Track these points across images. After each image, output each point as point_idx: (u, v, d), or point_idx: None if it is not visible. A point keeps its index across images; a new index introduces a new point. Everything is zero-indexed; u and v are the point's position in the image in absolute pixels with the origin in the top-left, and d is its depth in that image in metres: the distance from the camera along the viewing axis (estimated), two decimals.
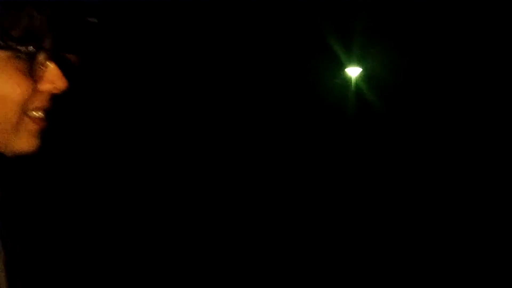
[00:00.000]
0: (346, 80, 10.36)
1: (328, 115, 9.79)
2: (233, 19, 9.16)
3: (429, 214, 5.81)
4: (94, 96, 6.77)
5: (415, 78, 9.59)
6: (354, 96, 10.20)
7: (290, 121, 9.36)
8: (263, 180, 7.14)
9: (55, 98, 0.87)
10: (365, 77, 10.23)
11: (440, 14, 8.89)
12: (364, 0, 9.11)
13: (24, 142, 0.84)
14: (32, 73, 0.82)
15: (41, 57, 0.83)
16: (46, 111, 0.87)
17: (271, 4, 9.04)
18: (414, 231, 5.21)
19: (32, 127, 0.85)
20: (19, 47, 0.80)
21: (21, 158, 0.85)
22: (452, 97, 9.05)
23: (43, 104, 0.86)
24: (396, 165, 7.91)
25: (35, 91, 0.83)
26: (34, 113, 0.85)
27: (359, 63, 10.19)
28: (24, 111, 0.83)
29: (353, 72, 10.30)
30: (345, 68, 10.32)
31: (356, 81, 10.26)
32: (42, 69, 0.83)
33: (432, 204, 6.12)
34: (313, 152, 8.60)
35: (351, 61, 10.14)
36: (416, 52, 9.47)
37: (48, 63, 0.84)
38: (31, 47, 0.81)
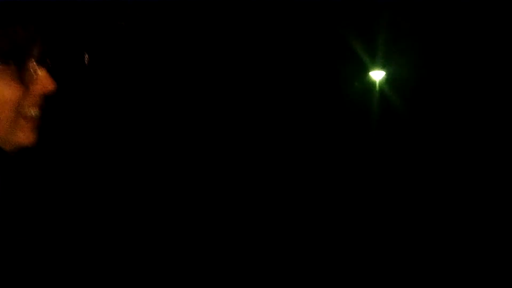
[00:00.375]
0: (370, 83, 10.38)
1: (351, 118, 9.80)
2: (256, 22, 9.24)
3: (449, 218, 5.79)
4: (88, 95, 6.70)
5: (439, 81, 9.55)
6: (378, 99, 10.21)
7: (314, 124, 9.40)
8: (284, 182, 7.19)
9: (47, 98, 1.05)
10: (389, 80, 10.23)
11: (464, 17, 8.84)
12: (388, 2, 9.12)
13: (22, 137, 1.01)
14: (24, 78, 0.99)
15: (30, 63, 1.02)
16: (40, 109, 1.04)
17: (295, 7, 9.10)
18: (429, 236, 5.20)
19: (28, 123, 1.01)
20: (11, 58, 0.97)
21: (20, 156, 1.03)
22: (476, 100, 8.97)
23: (36, 103, 1.03)
24: (420, 168, 7.90)
25: (28, 93, 1.00)
26: (29, 111, 1.02)
27: (383, 66, 10.20)
28: (20, 110, 0.99)
29: (377, 75, 10.32)
30: (369, 71, 10.35)
31: (380, 84, 10.27)
32: (32, 73, 1.02)
33: (452, 207, 6.10)
34: (337, 155, 8.63)
35: (375, 64, 10.17)
36: (440, 55, 9.42)
37: (37, 68, 1.03)
38: (22, 56, 1.00)
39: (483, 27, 8.76)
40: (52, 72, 1.07)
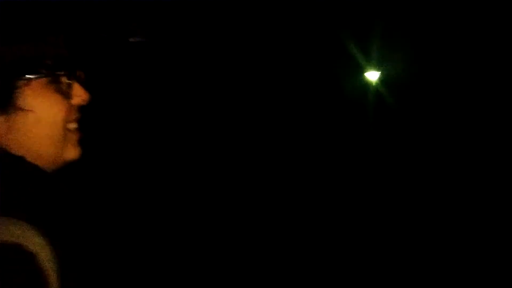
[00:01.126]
0: (366, 84, 10.43)
1: (347, 118, 9.84)
2: (252, 21, 9.26)
3: (446, 217, 5.81)
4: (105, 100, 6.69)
5: (434, 81, 9.60)
6: (374, 99, 10.26)
7: (310, 124, 9.42)
8: (281, 181, 7.20)
9: (82, 110, 1.07)
10: (384, 80, 10.28)
11: (459, 16, 8.89)
12: (383, 2, 9.17)
13: (71, 151, 1.02)
14: (63, 92, 1.01)
15: (67, 78, 1.02)
16: (78, 121, 1.06)
17: (291, 8, 9.13)
18: (433, 239, 5.20)
19: (74, 137, 1.03)
20: (52, 73, 0.98)
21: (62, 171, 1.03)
22: (471, 100, 9.03)
23: (76, 116, 1.04)
24: (416, 168, 7.94)
25: (69, 106, 1.01)
26: (72, 125, 1.03)
27: (378, 67, 10.25)
28: (66, 125, 1.00)
29: (372, 76, 10.37)
30: (364, 72, 10.39)
31: (375, 85, 10.32)
32: (69, 87, 1.02)
33: (450, 207, 6.13)
34: (333, 155, 8.66)
35: (370, 65, 10.22)
36: (435, 55, 9.48)
37: (72, 81, 1.04)
38: (59, 71, 1.00)
39: (479, 26, 8.82)
40: (84, 84, 1.08)
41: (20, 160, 0.96)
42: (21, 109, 0.95)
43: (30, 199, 0.93)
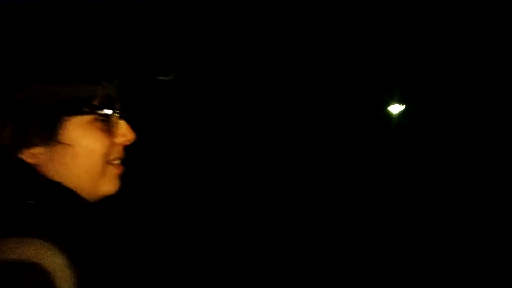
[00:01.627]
0: (389, 116, 10.43)
1: (370, 151, 9.83)
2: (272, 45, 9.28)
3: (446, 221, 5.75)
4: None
5: (457, 115, 9.57)
6: (396, 133, 10.25)
7: (332, 156, 9.43)
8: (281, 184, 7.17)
9: (127, 148, 1.12)
10: (408, 114, 10.28)
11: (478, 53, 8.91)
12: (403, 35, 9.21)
13: (108, 185, 1.07)
14: (109, 131, 1.06)
15: (114, 117, 1.07)
16: (122, 159, 1.11)
17: (316, 37, 9.19)
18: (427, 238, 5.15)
19: (113, 173, 1.08)
20: (98, 112, 1.04)
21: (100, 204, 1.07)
22: (493, 138, 8.97)
23: (120, 153, 1.10)
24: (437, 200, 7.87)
25: (112, 144, 1.06)
26: (114, 161, 1.08)
27: (401, 100, 10.27)
28: (106, 161, 1.06)
29: (395, 109, 10.37)
30: (387, 105, 10.41)
31: (398, 118, 10.32)
32: (115, 126, 1.08)
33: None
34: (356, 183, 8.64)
35: (393, 98, 10.24)
36: (459, 90, 9.47)
37: (119, 121, 1.09)
38: (106, 110, 1.05)
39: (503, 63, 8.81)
40: (131, 123, 1.13)
41: (56, 185, 0.99)
42: (63, 143, 0.99)
43: (59, 221, 0.97)
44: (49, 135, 0.99)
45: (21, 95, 0.96)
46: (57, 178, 0.99)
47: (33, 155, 0.98)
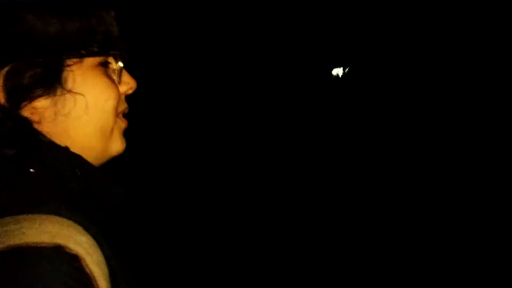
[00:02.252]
0: (332, 80, 10.48)
1: (313, 115, 9.86)
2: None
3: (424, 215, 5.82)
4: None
5: (401, 78, 9.73)
6: (339, 95, 10.32)
7: (278, 121, 9.40)
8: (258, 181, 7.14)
9: (129, 98, 0.95)
10: (351, 76, 10.36)
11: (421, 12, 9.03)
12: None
13: (119, 143, 0.89)
14: (112, 78, 0.88)
15: (115, 61, 0.90)
16: (127, 111, 0.94)
17: (260, 5, 9.07)
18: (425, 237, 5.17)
19: (120, 129, 0.90)
20: (104, 52, 0.85)
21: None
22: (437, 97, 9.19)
23: (124, 105, 0.92)
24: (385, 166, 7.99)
25: (118, 95, 0.88)
26: (121, 115, 0.91)
27: (345, 63, 10.32)
28: (115, 115, 0.88)
29: (338, 71, 10.42)
30: (331, 68, 10.45)
31: (341, 80, 10.39)
32: (118, 72, 0.90)
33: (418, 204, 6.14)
34: (301, 153, 8.65)
35: (337, 61, 10.28)
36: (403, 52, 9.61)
37: (122, 66, 0.91)
38: (111, 50, 0.87)
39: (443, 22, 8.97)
40: (130, 70, 0.96)
41: (66, 151, 0.82)
42: (71, 92, 0.81)
43: (76, 194, 0.80)
44: (53, 81, 0.80)
45: (14, 29, 0.77)
46: (63, 138, 0.82)
47: (35, 110, 0.80)
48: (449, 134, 8.46)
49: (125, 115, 0.95)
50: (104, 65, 0.87)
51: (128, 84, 0.92)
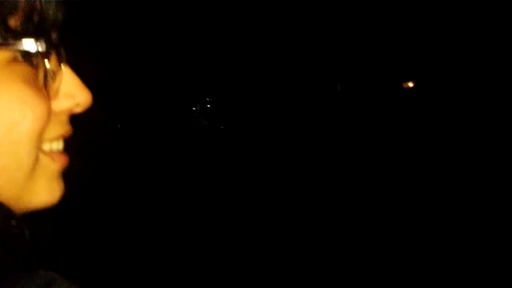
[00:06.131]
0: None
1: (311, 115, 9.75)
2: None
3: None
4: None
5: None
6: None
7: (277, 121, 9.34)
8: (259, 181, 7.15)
9: (73, 119, 0.58)
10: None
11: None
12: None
13: (43, 194, 0.54)
14: (42, 84, 0.53)
15: (51, 59, 0.54)
16: (66, 140, 0.57)
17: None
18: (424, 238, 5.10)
19: (51, 168, 0.55)
20: (20, 44, 0.51)
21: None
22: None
23: (63, 130, 0.57)
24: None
25: (50, 112, 0.53)
26: (52, 145, 0.56)
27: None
28: (39, 145, 0.53)
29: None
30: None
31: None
32: (54, 77, 0.55)
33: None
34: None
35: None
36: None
37: (62, 67, 0.56)
38: (37, 42, 0.52)
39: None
40: (81, 75, 0.61)
41: None
42: None
43: None
44: None
45: None
46: None
47: None
48: (449, 134, 8.47)
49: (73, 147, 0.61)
50: (31, 63, 0.53)
51: (71, 98, 0.56)
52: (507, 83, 8.53)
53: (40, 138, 0.52)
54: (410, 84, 10.25)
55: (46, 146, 0.54)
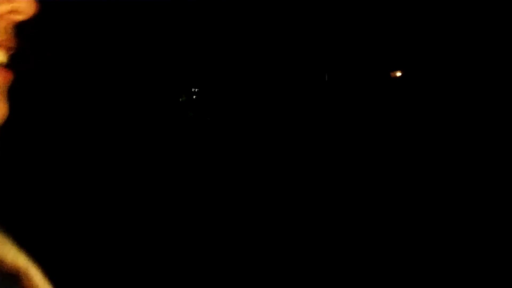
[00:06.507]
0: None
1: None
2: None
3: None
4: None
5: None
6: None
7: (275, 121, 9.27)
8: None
9: (21, 32, 0.50)
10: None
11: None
12: None
13: None
14: None
15: None
16: (10, 54, 0.49)
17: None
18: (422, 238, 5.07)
19: None
20: None
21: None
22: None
23: (5, 40, 0.48)
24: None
25: None
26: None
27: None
28: None
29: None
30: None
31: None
32: None
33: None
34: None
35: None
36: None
37: None
38: None
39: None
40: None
41: None
42: None
43: None
44: None
45: None
46: None
47: None
48: (436, 124, 8.49)
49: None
50: None
51: (10, 2, 0.47)
52: (492, 73, 8.55)
53: None
54: (398, 74, 10.26)
55: None
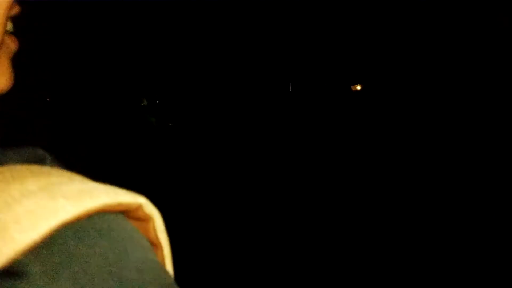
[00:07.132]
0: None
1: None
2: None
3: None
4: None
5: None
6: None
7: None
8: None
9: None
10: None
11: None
12: None
13: (5, 76, 0.48)
14: None
15: None
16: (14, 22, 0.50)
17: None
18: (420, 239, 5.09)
19: (10, 51, 0.49)
20: None
21: None
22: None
23: (14, 10, 0.49)
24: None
25: None
26: (7, 26, 0.49)
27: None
28: (4, 26, 0.47)
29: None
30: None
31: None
32: None
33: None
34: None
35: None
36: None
37: None
38: None
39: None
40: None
41: None
42: None
43: None
44: None
45: None
46: None
47: None
48: (397, 136, 8.60)
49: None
50: None
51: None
52: (456, 86, 8.72)
53: (6, 17, 0.47)
54: (358, 87, 10.39)
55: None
